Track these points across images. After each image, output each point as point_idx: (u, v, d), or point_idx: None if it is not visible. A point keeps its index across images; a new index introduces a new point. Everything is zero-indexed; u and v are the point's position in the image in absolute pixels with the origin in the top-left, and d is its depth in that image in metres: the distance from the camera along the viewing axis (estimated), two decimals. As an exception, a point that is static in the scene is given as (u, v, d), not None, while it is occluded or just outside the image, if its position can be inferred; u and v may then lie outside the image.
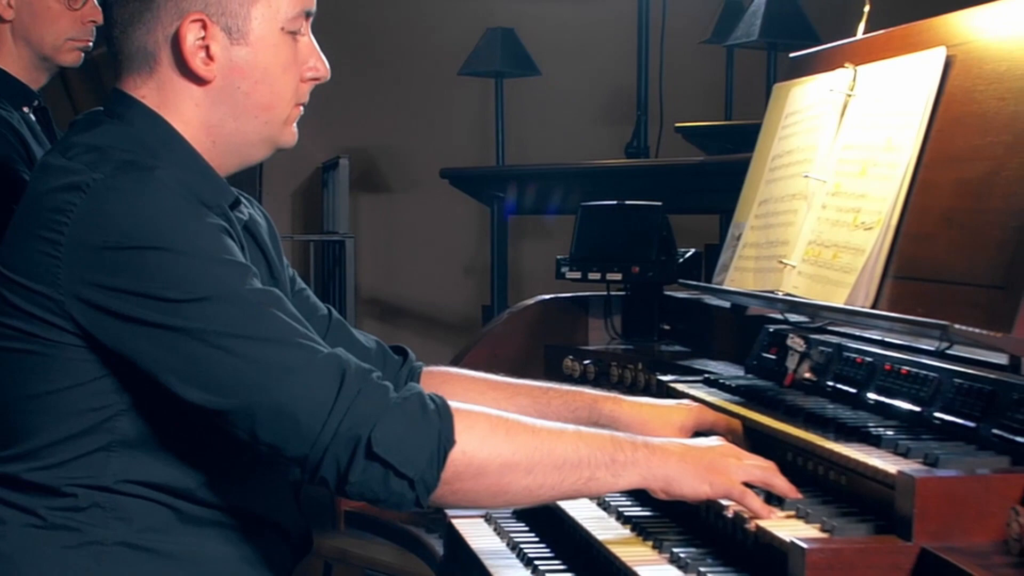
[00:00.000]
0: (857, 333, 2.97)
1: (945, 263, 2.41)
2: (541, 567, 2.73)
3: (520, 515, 3.17)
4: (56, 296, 2.20)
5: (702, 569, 2.34)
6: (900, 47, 2.79)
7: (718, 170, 5.32)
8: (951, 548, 2.06)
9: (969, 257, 2.34)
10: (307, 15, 2.40)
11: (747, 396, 2.92)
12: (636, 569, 2.42)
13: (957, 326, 2.16)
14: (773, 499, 2.38)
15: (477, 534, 3.06)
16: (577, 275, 3.97)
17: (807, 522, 2.28)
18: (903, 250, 2.55)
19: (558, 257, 4.04)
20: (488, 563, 2.83)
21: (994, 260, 2.26)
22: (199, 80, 2.34)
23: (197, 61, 2.32)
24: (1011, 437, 2.19)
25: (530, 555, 2.82)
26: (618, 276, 3.92)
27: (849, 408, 2.64)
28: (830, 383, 2.80)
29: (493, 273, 6.34)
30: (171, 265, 2.16)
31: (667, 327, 4.05)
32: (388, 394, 2.21)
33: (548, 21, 7.46)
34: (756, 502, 2.32)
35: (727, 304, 3.70)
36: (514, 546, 2.92)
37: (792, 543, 2.13)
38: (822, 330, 3.03)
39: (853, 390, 2.70)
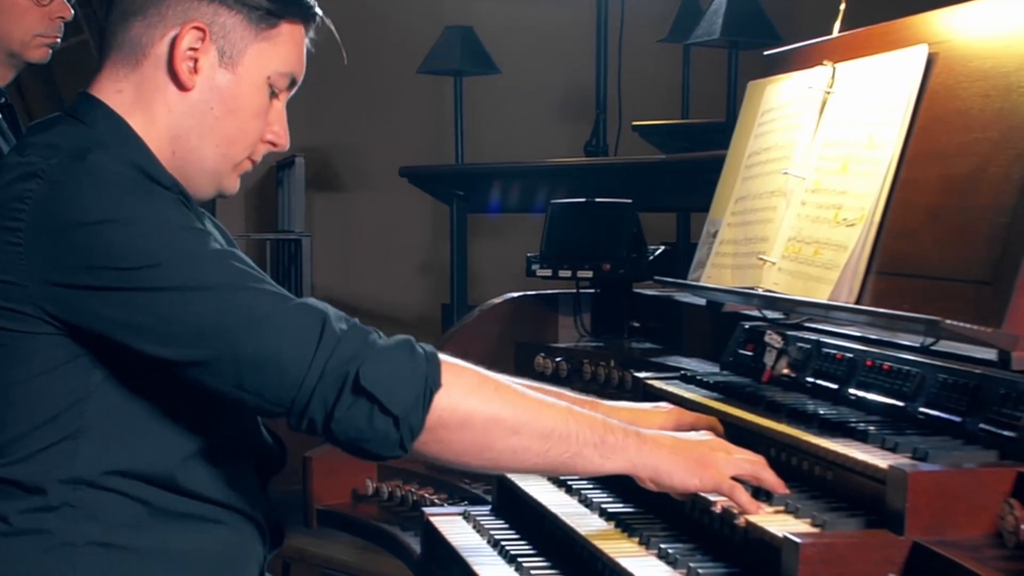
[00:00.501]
0: (835, 329, 2.98)
1: (930, 259, 2.43)
2: (524, 564, 2.73)
3: (499, 512, 3.17)
4: (21, 283, 2.19)
5: (692, 564, 2.34)
6: (880, 45, 2.80)
7: (678, 169, 5.34)
8: (943, 542, 2.08)
9: (956, 253, 2.35)
10: (292, 83, 2.44)
11: (726, 392, 2.92)
12: (623, 564, 2.42)
13: (948, 321, 2.17)
14: (761, 494, 2.38)
15: (456, 531, 3.06)
16: (548, 272, 3.97)
17: (796, 517, 2.28)
18: (887, 246, 2.56)
19: (528, 254, 4.04)
20: (470, 560, 2.82)
21: (981, 256, 2.27)
22: (179, 85, 2.35)
23: (184, 66, 2.33)
24: (999, 431, 2.21)
25: (512, 552, 2.82)
26: (589, 273, 3.93)
27: (830, 404, 2.66)
28: (809, 379, 2.81)
29: (452, 271, 6.32)
30: (131, 235, 2.16)
31: (636, 324, 4.06)
32: (371, 335, 2.21)
33: (507, 20, 7.46)
34: (745, 497, 2.33)
35: (700, 301, 3.71)
36: (495, 543, 2.92)
37: (785, 538, 2.13)
38: (799, 327, 3.04)
39: (834, 386, 2.71)
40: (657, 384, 3.13)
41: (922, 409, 2.42)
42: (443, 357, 2.25)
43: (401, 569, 6.24)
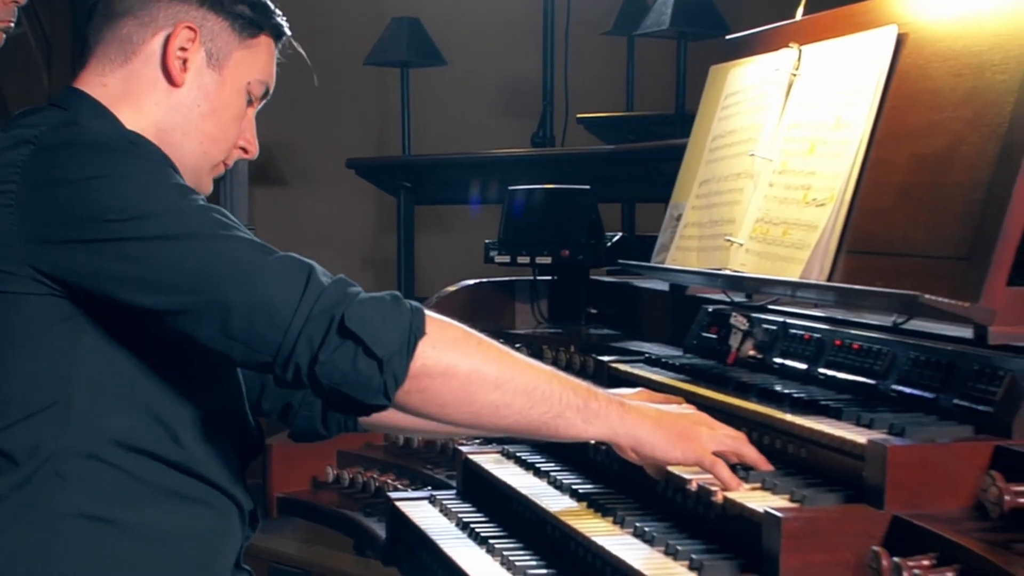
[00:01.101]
0: (800, 311, 3.00)
1: (903, 237, 2.44)
2: (496, 545, 2.72)
3: (466, 496, 3.17)
4: (12, 243, 2.21)
5: (670, 542, 2.34)
6: (845, 27, 2.82)
7: (626, 159, 5.36)
8: (923, 515, 2.09)
9: (929, 230, 2.37)
10: (265, 93, 2.55)
11: (693, 374, 2.93)
12: (600, 543, 2.42)
13: (927, 296, 2.18)
14: (737, 471, 2.39)
15: (423, 515, 3.05)
16: (506, 259, 3.97)
17: (774, 493, 2.29)
18: (857, 225, 2.57)
19: (486, 241, 4.03)
20: (440, 543, 2.81)
21: (957, 232, 2.29)
22: (170, 81, 2.44)
23: (175, 63, 2.43)
24: (973, 406, 2.23)
25: (482, 534, 2.82)
26: (548, 260, 3.92)
27: (799, 384, 2.67)
28: (777, 360, 2.82)
29: (400, 264, 6.30)
30: (118, 189, 2.21)
31: (594, 311, 4.06)
32: (356, 287, 2.23)
33: (453, 11, 7.44)
34: (726, 472, 2.33)
35: (659, 286, 3.72)
36: (464, 525, 2.91)
37: (767, 513, 2.14)
38: (764, 308, 3.05)
39: (802, 366, 2.72)
40: (623, 367, 3.13)
41: (894, 386, 2.43)
42: (429, 312, 2.26)
43: (348, 563, 6.25)
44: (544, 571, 2.56)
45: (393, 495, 3.23)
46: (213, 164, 2.50)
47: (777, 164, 2.85)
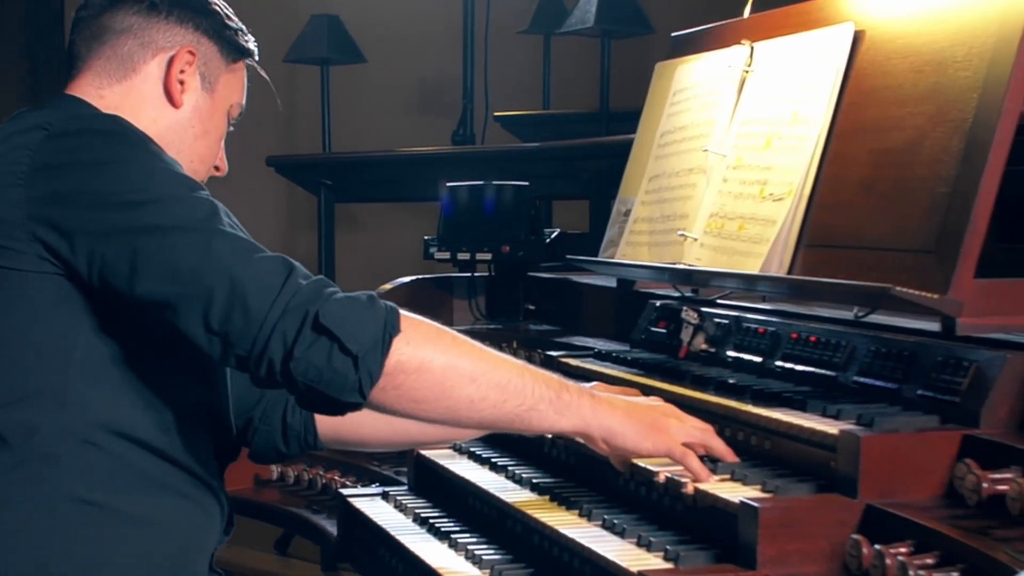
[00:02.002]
0: (749, 305, 3.03)
1: (865, 230, 2.48)
2: (460, 540, 2.72)
3: (419, 491, 3.16)
4: (18, 220, 2.23)
5: (642, 533, 2.35)
6: (798, 24, 2.85)
7: (549, 156, 5.37)
8: (896, 504, 2.13)
9: (893, 224, 2.40)
10: (239, 112, 2.65)
11: (646, 368, 2.95)
12: (569, 535, 2.42)
13: (898, 288, 2.22)
14: (705, 463, 2.40)
15: (378, 511, 3.04)
16: (446, 255, 3.97)
17: (745, 484, 2.31)
18: (817, 219, 2.61)
19: (425, 237, 4.02)
20: (400, 538, 2.81)
21: (922, 226, 2.32)
22: (169, 100, 2.52)
23: (176, 84, 2.51)
24: (939, 397, 2.27)
25: (442, 528, 2.81)
26: (488, 256, 3.92)
27: (754, 377, 2.70)
28: (730, 353, 2.85)
29: (321, 262, 6.25)
30: (126, 173, 2.25)
31: (532, 307, 4.07)
32: (333, 287, 2.24)
33: (373, 9, 7.41)
34: (696, 463, 2.35)
35: (600, 282, 3.74)
36: (422, 520, 2.91)
37: (742, 503, 2.16)
38: (712, 303, 3.08)
39: (757, 359, 2.76)
40: (573, 362, 3.15)
41: (855, 378, 2.47)
42: (402, 311, 2.27)
43: (268, 563, 6.20)
44: (510, 565, 2.56)
45: (345, 492, 3.22)
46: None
47: (731, 160, 2.88)
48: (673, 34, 3.38)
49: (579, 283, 3.83)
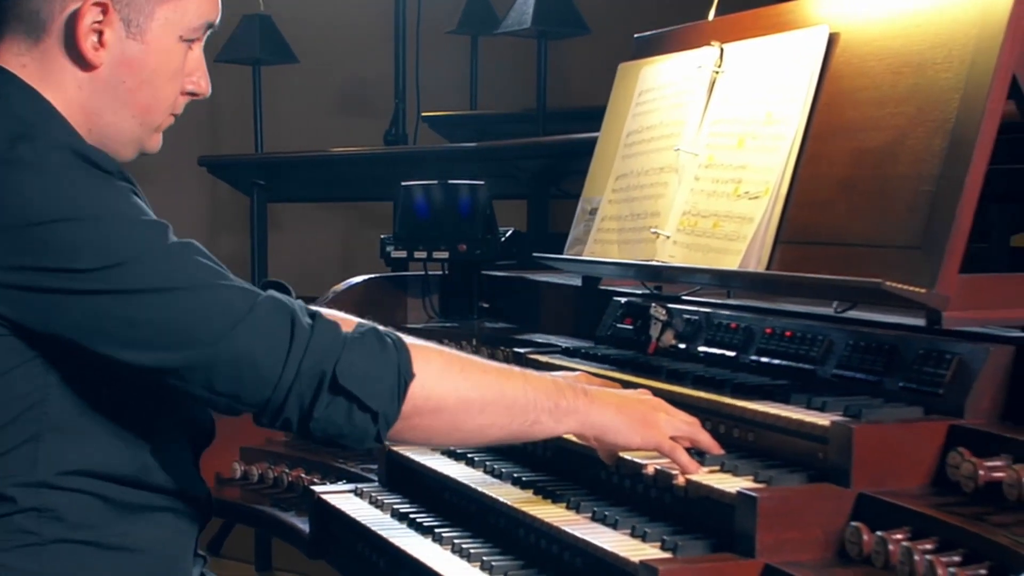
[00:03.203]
0: (716, 301, 3.09)
1: (845, 228, 2.54)
2: (445, 534, 2.73)
3: (391, 487, 3.18)
4: None
5: (636, 525, 2.39)
6: (768, 26, 2.91)
7: (485, 156, 5.42)
8: (888, 492, 2.19)
9: (875, 221, 2.47)
10: (208, 27, 2.37)
11: (618, 364, 2.99)
12: (564, 528, 2.45)
13: (888, 283, 2.28)
14: (692, 456, 2.45)
15: (354, 507, 3.05)
16: (403, 254, 4.00)
17: (736, 475, 2.36)
18: (794, 217, 2.66)
19: (382, 236, 4.05)
20: (382, 533, 2.82)
21: (906, 222, 2.39)
22: (85, 64, 2.26)
23: (88, 45, 2.24)
24: (921, 389, 2.34)
25: (424, 524, 2.83)
26: (445, 254, 3.96)
27: (729, 371, 2.75)
28: (702, 349, 2.90)
29: (254, 262, 6.25)
30: (91, 233, 2.09)
31: (486, 305, 4.11)
32: (340, 329, 2.19)
33: (305, 9, 7.40)
34: (685, 456, 2.40)
35: (556, 279, 3.79)
36: (401, 516, 2.92)
37: (739, 493, 2.21)
38: (678, 300, 3.13)
39: (730, 353, 2.81)
40: (542, 359, 3.18)
41: (835, 371, 2.53)
42: (407, 340, 2.26)
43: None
44: (498, 558, 2.59)
45: (317, 488, 3.23)
46: (155, 127, 2.37)
47: (703, 158, 2.93)
48: (636, 35, 3.43)
49: (536, 281, 3.87)
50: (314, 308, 2.23)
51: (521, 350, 3.29)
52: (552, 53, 6.02)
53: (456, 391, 2.26)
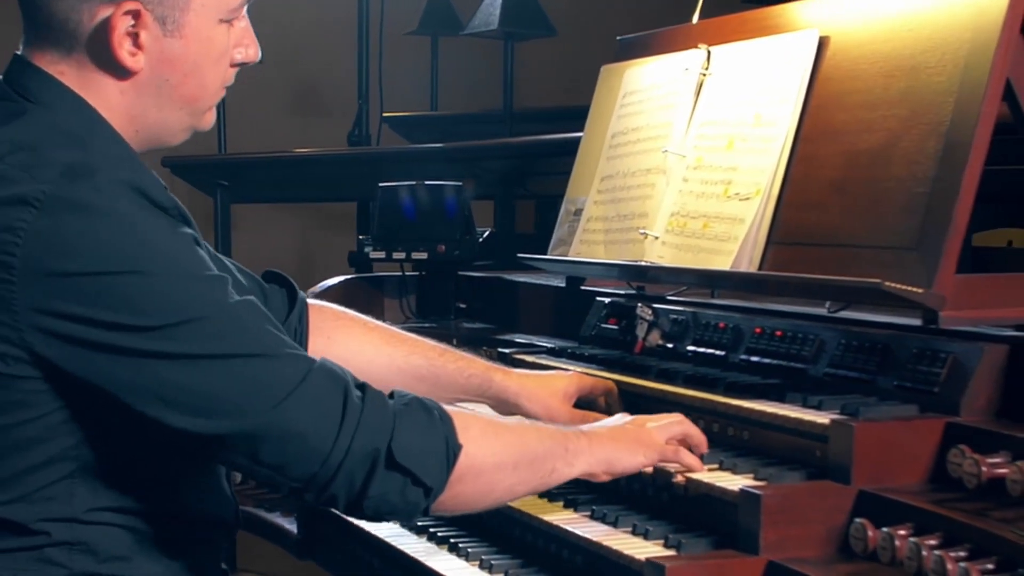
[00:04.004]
0: (702, 301, 3.12)
1: (838, 228, 2.57)
2: (440, 534, 2.75)
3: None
4: (11, 323, 2.03)
5: (636, 523, 2.42)
6: (756, 30, 2.94)
7: (452, 157, 5.42)
8: (888, 489, 2.23)
9: (868, 222, 2.50)
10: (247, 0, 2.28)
11: (607, 364, 3.02)
12: (564, 527, 2.48)
13: (887, 283, 2.31)
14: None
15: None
16: (381, 254, 4.01)
17: (735, 473, 2.39)
18: (786, 218, 2.70)
19: (360, 236, 4.06)
20: (378, 535, 2.83)
21: (901, 223, 2.42)
22: (124, 72, 2.19)
23: (124, 52, 2.16)
24: (916, 387, 2.37)
25: (418, 524, 2.83)
26: (424, 255, 3.97)
27: (718, 370, 2.78)
28: (690, 348, 2.93)
29: (217, 262, 6.22)
30: (148, 289, 2.03)
31: (463, 305, 4.12)
32: (388, 402, 2.17)
33: (268, 9, 7.38)
34: (688, 456, 2.43)
35: (535, 280, 3.81)
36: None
37: (744, 491, 2.25)
38: (663, 300, 3.16)
39: (719, 353, 2.84)
40: (528, 358, 3.20)
41: (827, 370, 2.56)
42: (448, 408, 2.25)
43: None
44: (496, 556, 2.61)
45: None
46: (207, 108, 2.30)
47: (691, 160, 2.96)
48: (619, 38, 3.45)
49: (515, 281, 3.89)
50: (362, 380, 2.19)
51: (506, 350, 3.31)
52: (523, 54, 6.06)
53: (493, 455, 2.27)
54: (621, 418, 2.57)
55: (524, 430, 2.37)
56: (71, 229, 2.02)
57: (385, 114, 6.84)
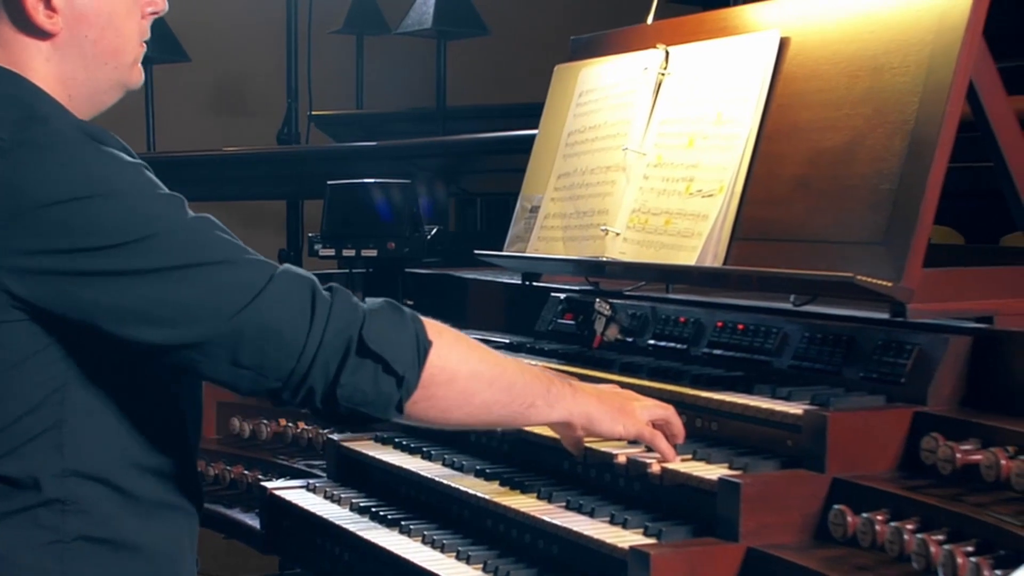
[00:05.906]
0: (659, 295, 3.18)
1: (804, 224, 2.64)
2: (412, 527, 2.77)
3: (344, 482, 3.21)
4: None
5: (613, 513, 2.46)
6: (715, 31, 3.01)
7: (387, 155, 5.46)
8: (861, 476, 2.30)
9: (834, 218, 2.57)
10: None
11: (566, 358, 3.06)
12: (541, 517, 2.52)
13: (859, 277, 2.38)
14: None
15: (310, 502, 3.08)
16: (331, 252, 4.02)
17: (709, 463, 2.45)
18: (750, 215, 2.76)
19: (310, 235, 4.07)
20: (348, 528, 2.84)
21: (867, 219, 2.50)
22: (43, 34, 2.25)
23: (40, 16, 2.23)
24: (882, 378, 2.45)
25: (388, 516, 2.86)
26: (373, 252, 3.99)
27: (680, 363, 2.83)
28: (651, 342, 2.98)
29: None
30: (111, 210, 2.08)
31: (410, 302, 4.14)
32: (355, 298, 2.23)
33: (196, 7, 7.35)
34: (664, 443, 2.47)
35: (484, 276, 3.84)
36: (362, 510, 2.95)
37: (722, 480, 2.30)
38: (620, 295, 3.22)
39: (680, 346, 2.90)
40: (489, 354, 3.23)
41: (791, 362, 2.63)
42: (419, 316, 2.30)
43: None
44: (472, 547, 2.63)
45: (269, 484, 3.24)
46: (131, 61, 2.35)
47: (651, 158, 3.01)
48: (573, 38, 3.50)
49: (464, 278, 3.92)
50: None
51: (464, 346, 3.33)
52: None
53: (467, 363, 2.30)
54: (612, 387, 2.61)
55: (504, 358, 2.41)
56: (28, 167, 2.08)
57: (313, 112, 6.85)
